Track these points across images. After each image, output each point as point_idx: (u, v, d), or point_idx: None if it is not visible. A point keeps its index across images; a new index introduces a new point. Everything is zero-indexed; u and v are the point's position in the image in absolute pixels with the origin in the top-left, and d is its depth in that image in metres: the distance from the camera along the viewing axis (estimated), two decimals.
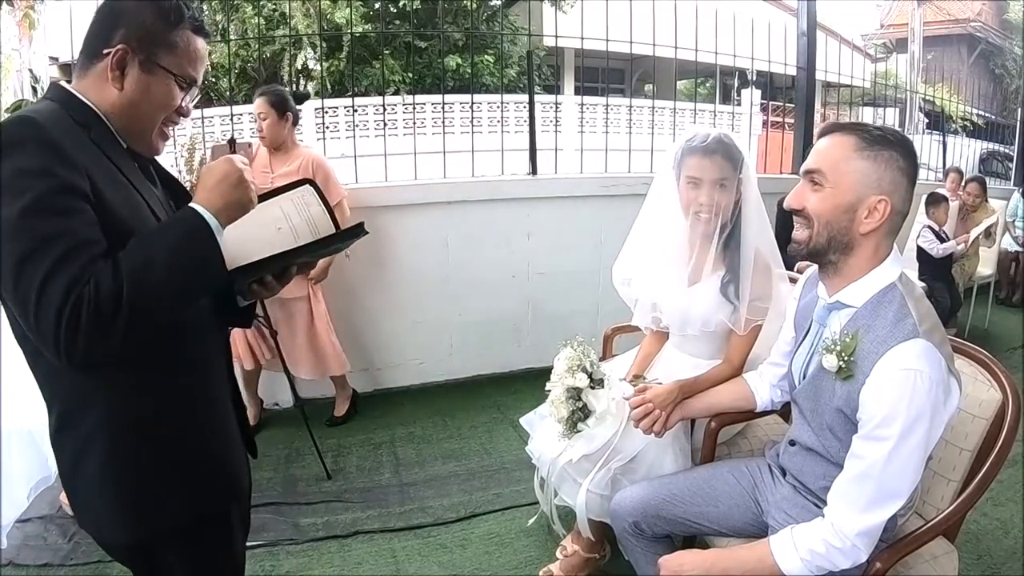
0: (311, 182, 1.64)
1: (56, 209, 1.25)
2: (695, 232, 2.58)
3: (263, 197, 1.57)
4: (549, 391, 2.52)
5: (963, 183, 7.08)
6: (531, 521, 3.14)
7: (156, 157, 1.62)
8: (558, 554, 2.91)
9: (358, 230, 1.60)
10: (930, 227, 6.11)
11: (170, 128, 1.55)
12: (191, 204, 1.38)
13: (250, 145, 3.61)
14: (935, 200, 6.22)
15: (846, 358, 1.70)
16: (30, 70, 3.61)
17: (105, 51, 1.40)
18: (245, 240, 1.48)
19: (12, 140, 1.26)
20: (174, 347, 1.49)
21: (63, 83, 1.48)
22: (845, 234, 1.74)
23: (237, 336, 4.01)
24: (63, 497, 3.35)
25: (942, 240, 6.09)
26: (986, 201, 6.84)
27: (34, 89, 3.54)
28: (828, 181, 1.74)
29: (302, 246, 1.56)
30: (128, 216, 1.38)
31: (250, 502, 1.89)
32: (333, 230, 1.63)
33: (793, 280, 2.54)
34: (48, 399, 1.46)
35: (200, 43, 1.50)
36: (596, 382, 2.44)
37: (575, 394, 2.44)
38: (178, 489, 1.52)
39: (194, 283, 1.37)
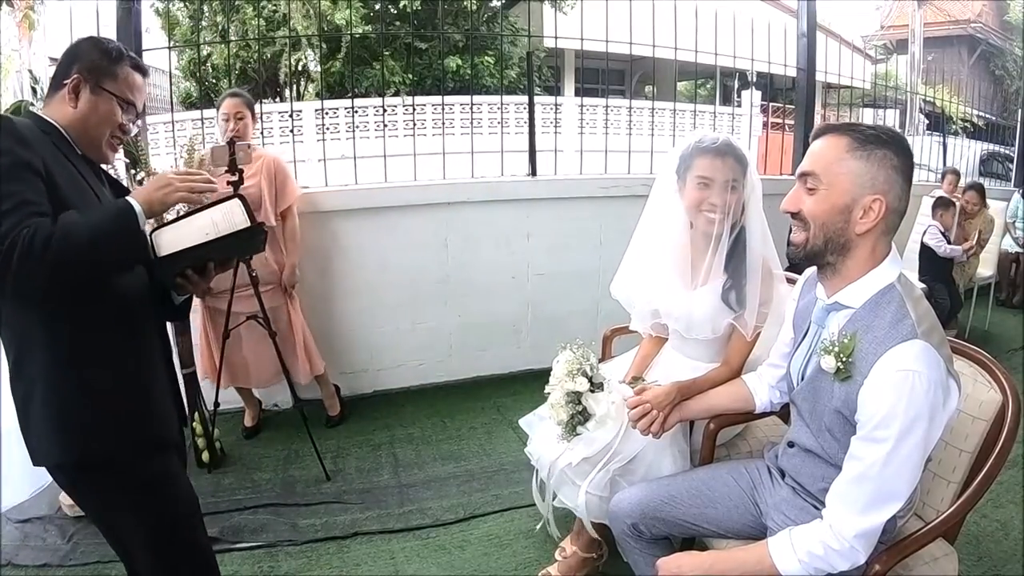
0: (240, 196, 1.94)
1: (11, 177, 1.60)
2: (699, 233, 2.58)
3: (201, 209, 1.91)
4: (548, 393, 2.52)
5: (963, 190, 7.07)
6: (538, 526, 3.13)
7: (105, 165, 2.08)
8: (557, 556, 2.91)
9: (257, 230, 1.93)
10: (936, 226, 6.11)
11: (117, 142, 1.98)
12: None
13: (249, 146, 3.61)
14: (943, 203, 6.23)
15: (844, 359, 1.70)
16: (30, 70, 3.61)
17: (64, 82, 1.86)
18: (176, 241, 1.83)
19: None
20: (111, 308, 1.84)
21: (31, 108, 1.98)
22: (841, 235, 1.74)
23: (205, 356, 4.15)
24: (63, 497, 3.36)
25: (949, 242, 6.10)
26: (985, 207, 6.83)
27: (34, 90, 3.54)
28: (822, 183, 1.74)
29: (207, 241, 1.86)
30: (78, 201, 1.74)
31: (184, 455, 2.23)
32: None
33: (792, 281, 2.54)
34: (7, 346, 1.81)
35: (137, 77, 1.96)
36: (596, 386, 2.43)
37: (575, 398, 2.43)
38: (107, 423, 1.83)
39: (112, 247, 1.69)
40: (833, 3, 19.35)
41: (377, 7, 16.01)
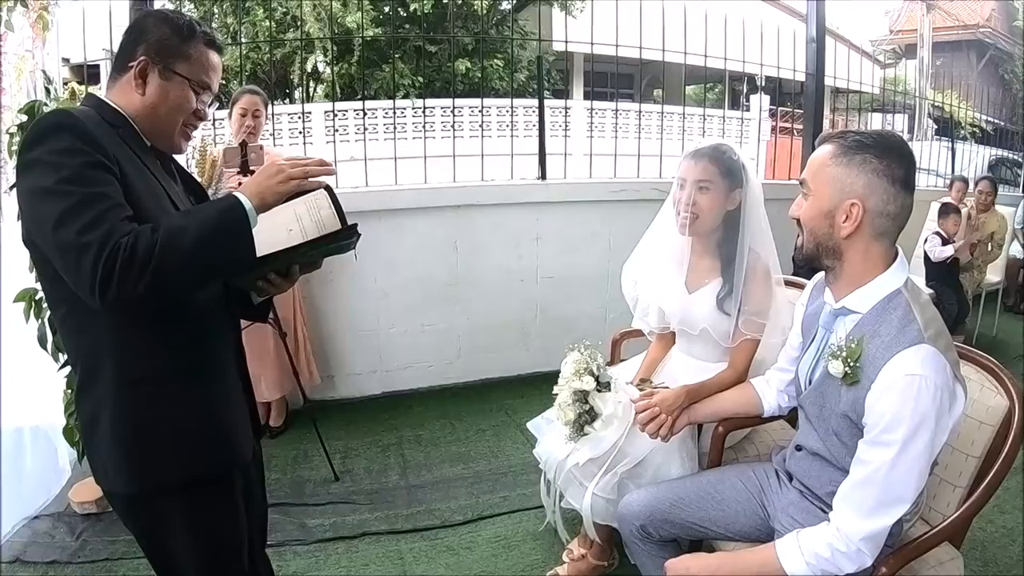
0: (327, 186, 1.71)
1: (91, 179, 1.44)
2: (684, 235, 2.63)
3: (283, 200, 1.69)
4: (556, 394, 2.54)
5: (975, 181, 7.03)
6: (542, 527, 3.15)
7: (177, 155, 1.87)
8: (564, 557, 2.92)
9: (352, 231, 1.69)
10: (938, 233, 6.10)
11: (191, 129, 1.77)
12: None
13: (261, 147, 3.62)
14: (946, 211, 6.21)
15: (852, 364, 1.71)
16: (43, 71, 3.61)
17: (130, 64, 1.64)
18: (257, 238, 1.56)
19: (49, 127, 1.48)
20: (182, 317, 1.67)
21: (96, 92, 1.72)
22: (829, 239, 1.79)
23: None
24: (71, 494, 3.38)
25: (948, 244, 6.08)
26: (994, 202, 6.79)
27: (47, 90, 3.55)
28: (811, 190, 1.81)
29: (297, 245, 1.65)
30: (152, 204, 1.58)
31: (258, 471, 2.07)
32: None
33: (798, 286, 2.56)
34: (73, 358, 1.68)
35: (213, 55, 1.73)
36: (603, 385, 2.45)
37: (582, 397, 2.45)
38: (178, 447, 1.67)
39: (219, 255, 1.51)
40: (842, 7, 19.37)
41: (387, 10, 16.05)
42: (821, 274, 1.97)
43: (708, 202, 2.53)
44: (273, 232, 1.64)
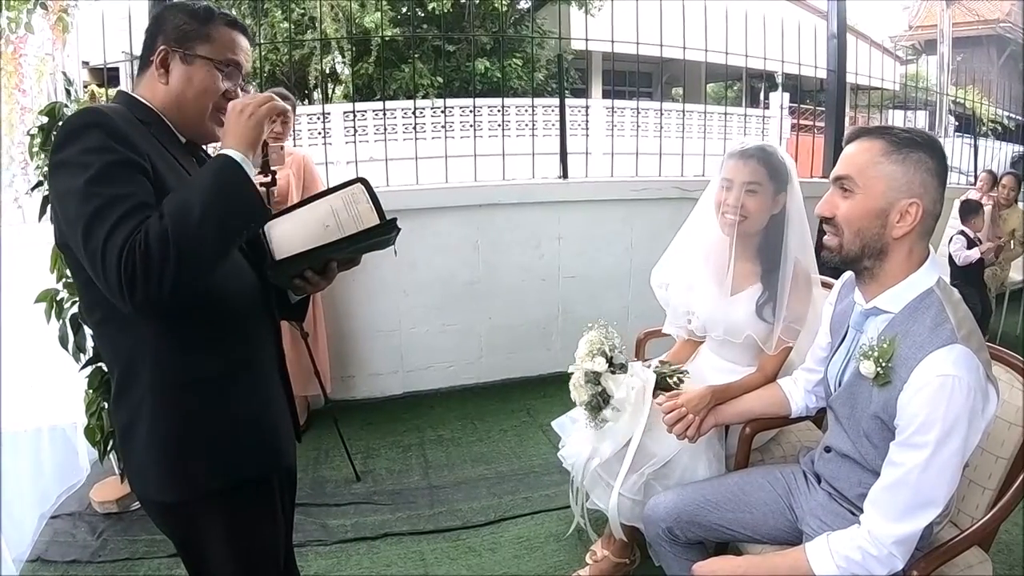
0: (363, 180, 1.69)
1: (117, 178, 1.41)
2: (726, 237, 2.58)
3: (317, 196, 1.69)
4: (571, 373, 2.54)
5: (999, 177, 6.97)
6: (570, 530, 3.13)
7: (210, 144, 1.79)
8: (588, 559, 2.91)
9: (391, 226, 1.68)
10: (963, 232, 6.04)
11: (222, 114, 1.65)
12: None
13: (282, 148, 3.61)
14: (970, 209, 6.14)
15: (883, 364, 1.69)
16: (64, 73, 3.63)
17: (151, 58, 1.62)
18: (292, 235, 1.55)
19: (79, 126, 1.45)
20: (220, 318, 1.62)
21: (125, 90, 1.72)
22: (878, 239, 1.74)
23: None
24: (92, 494, 3.39)
25: (974, 246, 6.01)
26: (1018, 197, 6.71)
27: (68, 92, 3.55)
28: (858, 187, 1.73)
29: (334, 241, 1.62)
30: None
31: (295, 475, 2.05)
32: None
33: (826, 285, 2.53)
34: (109, 363, 1.66)
35: (236, 34, 1.70)
36: (617, 366, 2.44)
37: (594, 378, 2.45)
38: (219, 452, 1.63)
39: (229, 214, 1.45)
40: (861, 4, 19.26)
41: (405, 10, 16.08)
42: (849, 273, 1.95)
43: (756, 205, 2.49)
44: (309, 228, 1.62)
